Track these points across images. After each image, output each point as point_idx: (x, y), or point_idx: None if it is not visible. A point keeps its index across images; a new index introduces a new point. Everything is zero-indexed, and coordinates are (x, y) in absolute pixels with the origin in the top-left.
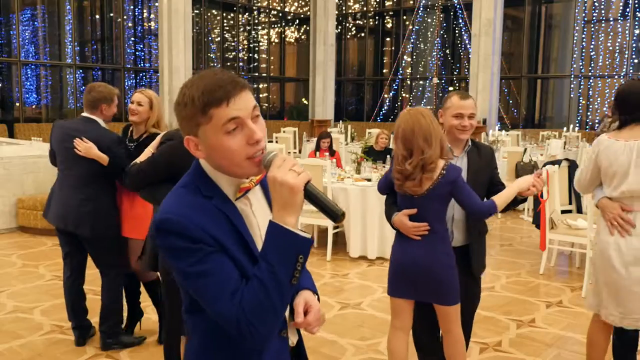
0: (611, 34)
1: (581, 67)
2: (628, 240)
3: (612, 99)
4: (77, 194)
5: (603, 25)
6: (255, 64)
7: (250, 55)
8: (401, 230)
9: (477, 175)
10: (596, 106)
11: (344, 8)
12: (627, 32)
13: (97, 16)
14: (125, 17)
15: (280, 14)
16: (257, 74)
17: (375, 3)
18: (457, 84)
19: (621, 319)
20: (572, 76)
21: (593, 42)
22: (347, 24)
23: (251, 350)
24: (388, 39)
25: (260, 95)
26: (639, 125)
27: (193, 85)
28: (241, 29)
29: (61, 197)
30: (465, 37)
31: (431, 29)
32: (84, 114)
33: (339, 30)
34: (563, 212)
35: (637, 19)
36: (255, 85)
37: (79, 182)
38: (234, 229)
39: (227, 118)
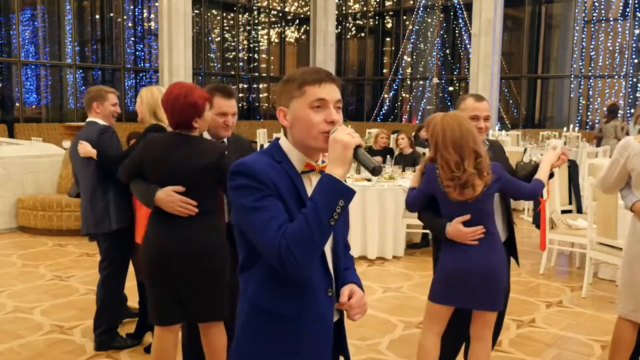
0: (611, 34)
1: (581, 67)
2: None
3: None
4: (88, 197)
5: (603, 25)
6: (255, 64)
7: (250, 55)
8: (457, 239)
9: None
10: (596, 106)
11: (344, 8)
12: (627, 32)
13: (97, 16)
14: (125, 17)
15: (280, 14)
16: (257, 74)
17: (375, 3)
18: (457, 84)
19: None
20: (572, 76)
21: (593, 42)
22: (347, 24)
23: (302, 299)
24: (388, 39)
25: (260, 95)
26: None
27: (296, 71)
28: (241, 29)
29: (81, 205)
30: (465, 37)
31: (431, 29)
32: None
33: (339, 30)
34: (563, 212)
35: (637, 19)
36: (255, 85)
37: (87, 186)
38: (295, 188)
39: (317, 97)
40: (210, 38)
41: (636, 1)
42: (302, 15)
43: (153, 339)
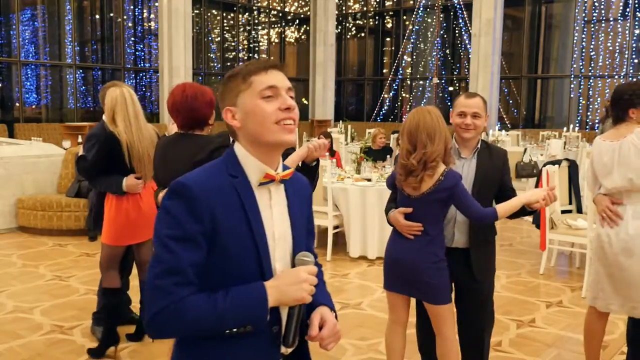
0: (611, 34)
1: (581, 67)
2: (617, 231)
3: (609, 99)
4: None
5: (603, 25)
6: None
7: (250, 55)
8: (395, 227)
9: (485, 178)
10: (596, 106)
11: (344, 8)
12: (627, 32)
13: (97, 16)
14: (125, 17)
15: (280, 14)
16: None
17: (375, 3)
18: (457, 84)
19: (621, 306)
20: (572, 76)
21: (593, 42)
22: (347, 24)
23: (234, 347)
24: (388, 39)
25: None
26: (624, 123)
27: (238, 66)
28: (241, 29)
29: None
30: (465, 37)
31: (431, 29)
32: None
33: (339, 30)
34: (563, 212)
35: (637, 19)
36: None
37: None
38: (242, 211)
39: (266, 85)
40: (210, 38)
41: (636, 1)
42: (302, 15)
43: None
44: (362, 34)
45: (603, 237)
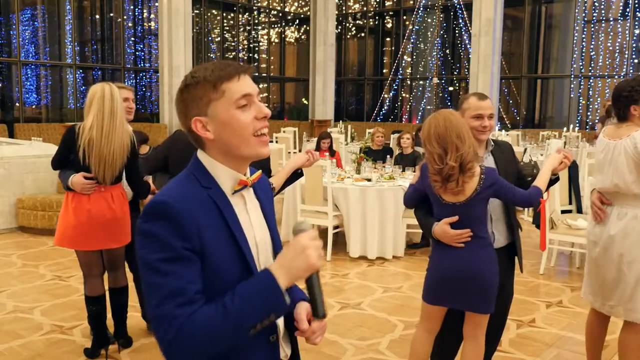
0: (611, 34)
1: (581, 67)
2: (601, 230)
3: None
4: None
5: (603, 25)
6: (255, 64)
7: (250, 55)
8: (443, 240)
9: (507, 171)
10: (596, 106)
11: (344, 8)
12: (627, 32)
13: (97, 16)
14: (125, 17)
15: (280, 14)
16: (257, 74)
17: (375, 3)
18: (457, 84)
19: (601, 305)
20: (572, 76)
21: (593, 42)
22: (347, 24)
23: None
24: (388, 39)
25: (261, 95)
26: (625, 123)
27: (200, 69)
28: (241, 29)
29: None
30: (465, 37)
31: (431, 29)
32: None
33: (339, 30)
34: (563, 212)
35: (637, 19)
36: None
37: None
38: (224, 222)
39: (241, 94)
40: (210, 38)
41: (636, 1)
42: (302, 15)
43: None
44: (362, 34)
45: (590, 235)
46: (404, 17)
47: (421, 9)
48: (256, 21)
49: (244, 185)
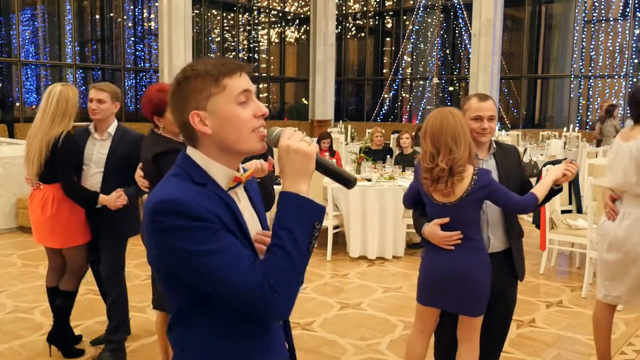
0: (611, 34)
1: (581, 67)
2: (609, 226)
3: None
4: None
5: (603, 25)
6: (255, 64)
7: (250, 55)
8: (432, 241)
9: (508, 176)
10: (596, 106)
11: (344, 8)
12: (627, 32)
13: (97, 16)
14: (125, 17)
15: (280, 14)
16: (257, 74)
17: (375, 3)
18: (457, 84)
19: (605, 295)
20: (572, 76)
21: (593, 42)
22: (347, 24)
23: (258, 345)
24: (388, 39)
25: (261, 95)
26: (638, 125)
27: (199, 63)
28: (241, 29)
29: None
30: (465, 37)
31: (431, 29)
32: None
33: (339, 30)
34: (563, 212)
35: (637, 19)
36: (255, 86)
37: None
38: (232, 214)
39: (242, 89)
40: (210, 38)
41: (636, 1)
42: (302, 15)
43: None
44: (362, 34)
45: (600, 229)
46: (404, 17)
47: (421, 9)
48: (256, 21)
49: (238, 182)
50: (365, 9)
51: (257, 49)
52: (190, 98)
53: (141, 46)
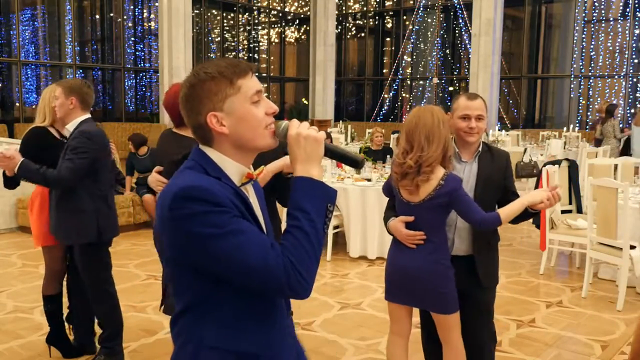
0: (611, 34)
1: (581, 67)
2: None
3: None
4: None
5: (603, 25)
6: (255, 64)
7: (250, 55)
8: (396, 236)
9: (487, 182)
10: (596, 106)
11: (344, 8)
12: (627, 32)
13: (97, 16)
14: (125, 17)
15: (280, 14)
16: (257, 74)
17: (375, 3)
18: (457, 84)
19: None
20: (572, 76)
21: (593, 42)
22: (347, 24)
23: (271, 332)
24: (388, 39)
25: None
26: None
27: (210, 65)
28: (241, 29)
29: (112, 204)
30: (465, 37)
31: (431, 29)
32: (88, 115)
33: (339, 30)
34: (563, 212)
35: (637, 19)
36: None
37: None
38: (247, 206)
39: (255, 89)
40: (210, 38)
41: (636, 1)
42: (302, 15)
43: None
44: (362, 34)
45: None
46: (404, 17)
47: (421, 9)
48: (256, 21)
49: (250, 178)
50: (365, 9)
51: (257, 49)
52: (205, 100)
53: (141, 46)
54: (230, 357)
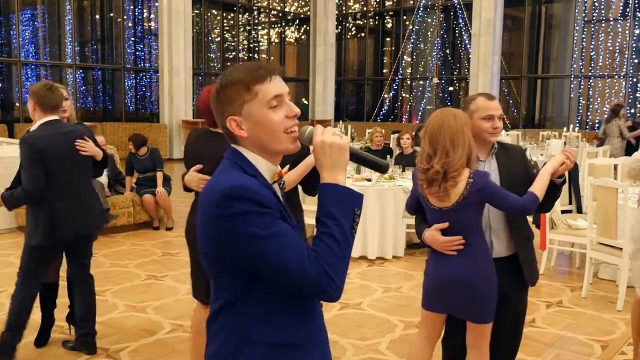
0: (611, 34)
1: (581, 67)
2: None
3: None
4: (94, 195)
5: (603, 25)
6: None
7: (250, 55)
8: (433, 247)
9: (510, 176)
10: (596, 106)
11: (344, 8)
12: (627, 32)
13: (97, 16)
14: (125, 17)
15: (280, 14)
16: None
17: (375, 3)
18: (457, 84)
19: None
20: (572, 76)
21: (593, 42)
22: (347, 24)
23: (310, 325)
24: (388, 39)
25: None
26: None
27: (233, 71)
28: (241, 29)
29: (83, 203)
30: (465, 37)
31: (431, 29)
32: (53, 117)
33: (339, 30)
34: (563, 212)
35: (637, 19)
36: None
37: (88, 184)
38: (281, 205)
39: (272, 95)
40: (210, 38)
41: (636, 1)
42: (302, 15)
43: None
44: (362, 34)
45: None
46: (404, 17)
47: (421, 9)
48: (256, 21)
49: (280, 176)
50: (365, 9)
51: (257, 49)
52: (227, 105)
53: (141, 46)
54: (273, 350)
